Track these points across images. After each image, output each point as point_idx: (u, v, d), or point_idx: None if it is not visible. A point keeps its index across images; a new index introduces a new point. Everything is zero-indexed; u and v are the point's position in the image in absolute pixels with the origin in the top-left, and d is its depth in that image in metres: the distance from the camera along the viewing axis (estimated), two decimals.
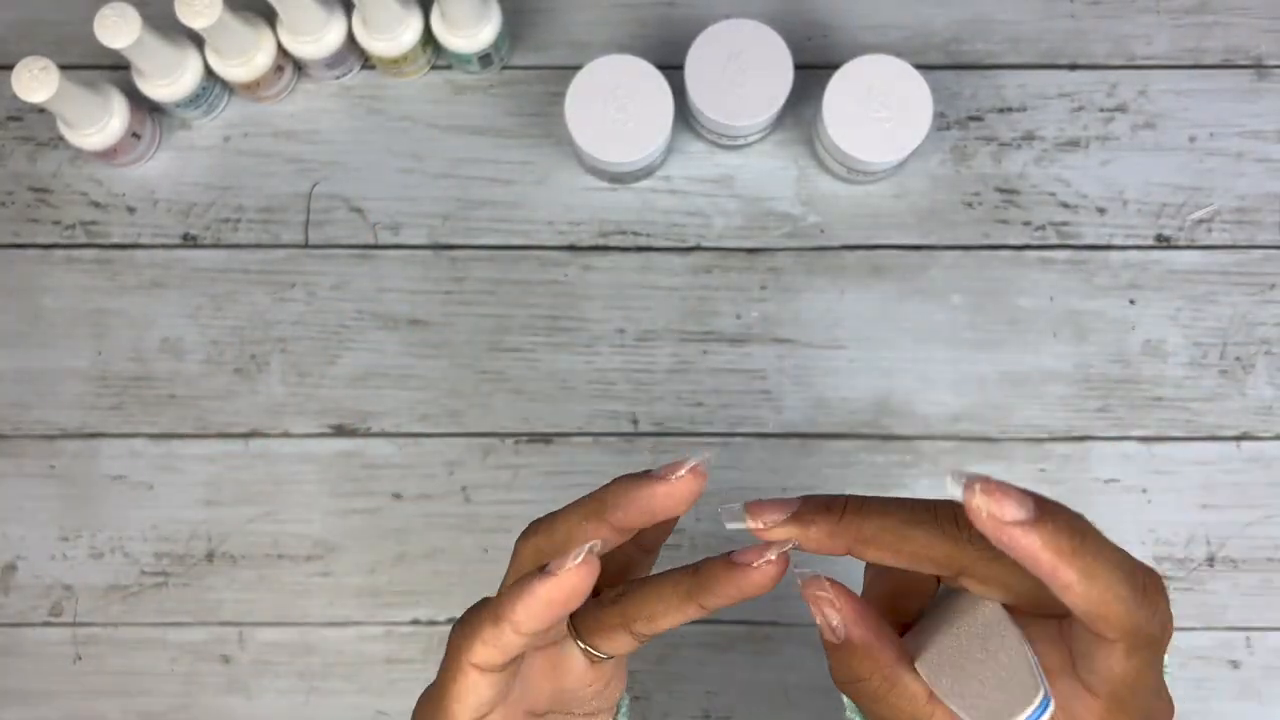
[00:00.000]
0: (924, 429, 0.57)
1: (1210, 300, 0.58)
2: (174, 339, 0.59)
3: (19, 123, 0.60)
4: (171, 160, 0.60)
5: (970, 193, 0.59)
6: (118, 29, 0.52)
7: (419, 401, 0.58)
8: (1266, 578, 0.57)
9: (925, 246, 0.58)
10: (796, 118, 0.59)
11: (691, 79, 0.55)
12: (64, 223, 0.59)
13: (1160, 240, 0.58)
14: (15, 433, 0.58)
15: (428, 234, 0.59)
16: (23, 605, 0.58)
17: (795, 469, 0.57)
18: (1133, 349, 0.58)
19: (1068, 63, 0.59)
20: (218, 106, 0.59)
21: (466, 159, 0.59)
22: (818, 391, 0.58)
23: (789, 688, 0.57)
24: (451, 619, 0.57)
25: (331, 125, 0.60)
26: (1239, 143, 0.59)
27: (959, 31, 0.60)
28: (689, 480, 0.29)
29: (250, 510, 0.58)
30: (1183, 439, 0.57)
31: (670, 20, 0.60)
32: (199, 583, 0.58)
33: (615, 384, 0.58)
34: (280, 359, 0.58)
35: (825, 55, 0.59)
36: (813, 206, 0.59)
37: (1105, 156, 0.59)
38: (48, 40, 0.61)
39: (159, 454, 0.58)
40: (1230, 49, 0.59)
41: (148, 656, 0.57)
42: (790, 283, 0.58)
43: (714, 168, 0.59)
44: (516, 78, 0.60)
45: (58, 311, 0.59)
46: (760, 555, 0.29)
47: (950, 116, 0.59)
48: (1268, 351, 0.58)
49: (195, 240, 0.59)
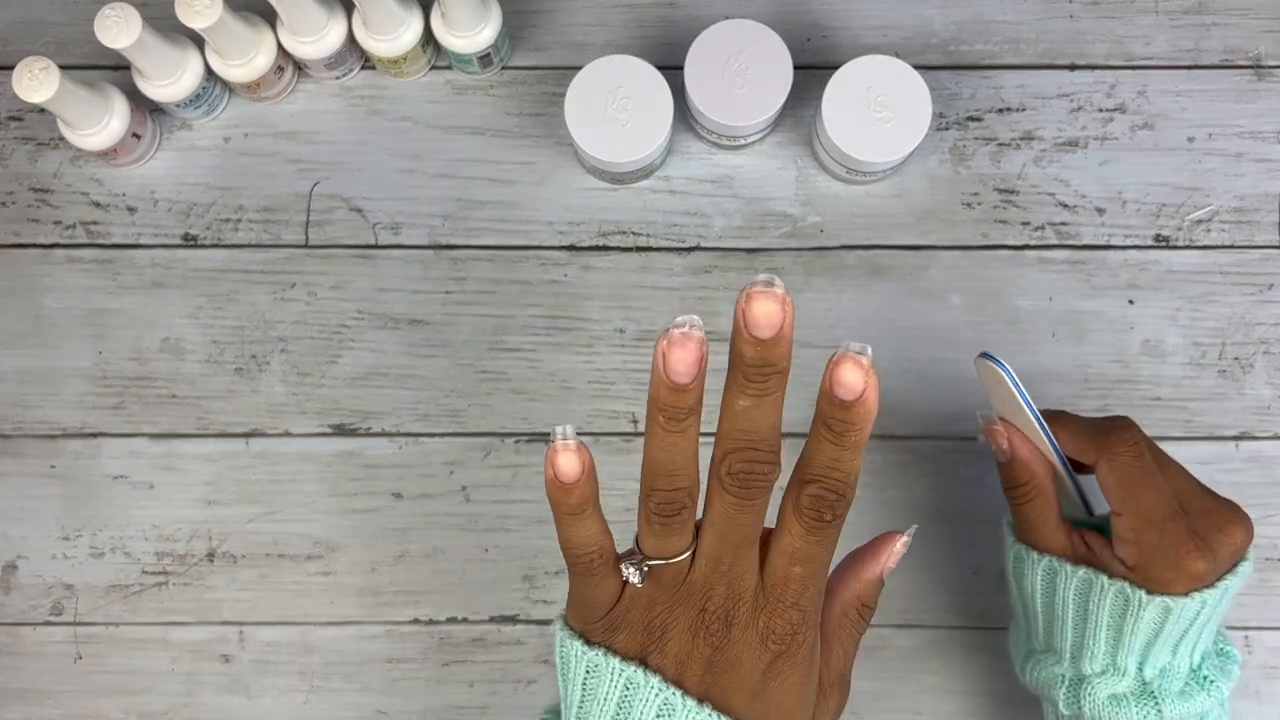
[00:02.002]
0: (924, 429, 0.57)
1: (1209, 300, 0.58)
2: (175, 339, 0.59)
3: (19, 123, 0.60)
4: (172, 160, 0.60)
5: (969, 193, 0.59)
6: (118, 29, 0.52)
7: (419, 401, 0.58)
8: (1265, 577, 0.57)
9: (924, 247, 0.59)
10: (796, 118, 0.59)
11: (691, 79, 0.55)
12: (64, 223, 0.59)
13: (1159, 240, 0.58)
14: (16, 432, 0.58)
15: (428, 234, 0.59)
16: (23, 604, 0.58)
17: None
18: (1131, 349, 0.58)
19: (1067, 63, 0.60)
20: (218, 107, 0.59)
21: (467, 159, 0.60)
22: (818, 391, 0.57)
23: None
24: (452, 619, 0.57)
25: (332, 125, 0.60)
26: (1237, 143, 0.59)
27: (958, 32, 0.60)
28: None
29: (251, 510, 0.58)
30: (1181, 439, 0.57)
31: (670, 21, 0.60)
32: (199, 582, 0.58)
33: (615, 384, 0.58)
34: (281, 359, 0.58)
35: (824, 56, 0.60)
36: (812, 207, 0.59)
37: (1104, 157, 0.59)
38: (48, 40, 0.61)
39: (160, 454, 0.58)
40: (1229, 49, 0.59)
41: (148, 656, 0.57)
42: (790, 283, 0.58)
43: (713, 168, 0.59)
44: (517, 78, 0.60)
45: (58, 311, 0.59)
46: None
47: (949, 117, 0.59)
48: (1266, 351, 0.58)
49: (196, 240, 0.59)
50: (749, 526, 0.33)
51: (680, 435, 0.32)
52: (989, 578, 0.57)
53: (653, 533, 0.33)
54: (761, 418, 0.31)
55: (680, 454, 0.32)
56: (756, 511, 0.33)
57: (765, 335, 0.30)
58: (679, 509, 0.33)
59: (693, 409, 0.32)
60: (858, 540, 0.38)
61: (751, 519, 0.33)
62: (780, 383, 0.31)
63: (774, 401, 0.31)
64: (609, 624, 0.35)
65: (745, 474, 0.32)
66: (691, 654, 0.33)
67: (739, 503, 0.32)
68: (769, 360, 0.30)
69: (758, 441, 0.32)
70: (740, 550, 0.33)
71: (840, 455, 0.32)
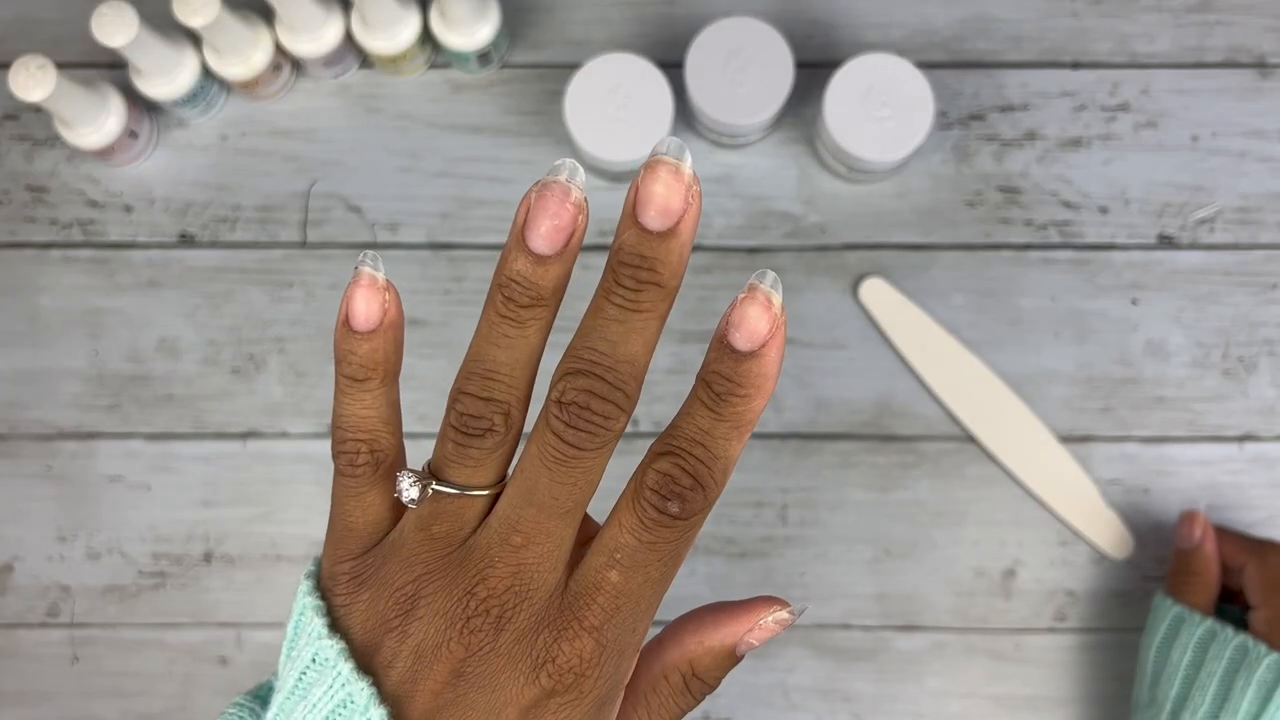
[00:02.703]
0: (924, 429, 0.57)
1: (1213, 300, 0.58)
2: (171, 339, 0.58)
3: (15, 121, 0.60)
4: (169, 159, 0.60)
5: (972, 192, 0.58)
6: (115, 27, 0.51)
7: (418, 401, 0.57)
8: None
9: (926, 246, 0.58)
10: (797, 116, 0.59)
11: (692, 77, 0.55)
12: (61, 222, 0.59)
13: (1163, 240, 0.58)
14: (12, 433, 0.58)
15: (426, 233, 0.59)
16: (20, 606, 0.57)
17: (795, 469, 0.57)
18: (1135, 349, 0.57)
19: (1070, 61, 0.59)
20: (215, 105, 0.59)
21: (465, 158, 0.59)
22: (818, 391, 0.57)
23: (789, 689, 0.56)
24: None
25: (329, 124, 0.60)
26: (1241, 142, 0.58)
27: (961, 30, 0.60)
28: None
29: (248, 511, 0.58)
30: (1185, 439, 0.57)
31: (670, 18, 0.60)
32: (196, 584, 0.57)
33: None
34: (278, 359, 0.58)
35: (826, 53, 0.59)
36: (814, 206, 0.59)
37: (1107, 155, 0.58)
38: (45, 38, 0.60)
39: (156, 454, 0.58)
40: (1233, 48, 0.59)
41: (145, 657, 0.57)
42: (791, 282, 0.58)
43: (714, 166, 0.59)
44: (515, 76, 0.60)
45: (54, 311, 0.59)
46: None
47: (952, 115, 0.59)
48: (1270, 352, 0.57)
49: (192, 239, 0.59)
50: (568, 489, 0.24)
51: (516, 327, 0.25)
52: (991, 580, 0.57)
53: (445, 451, 0.26)
54: (621, 338, 0.24)
55: (507, 353, 0.25)
56: (584, 469, 0.24)
57: (654, 225, 0.23)
58: (484, 429, 0.25)
59: (543, 298, 0.25)
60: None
61: (573, 478, 0.24)
62: (658, 300, 0.24)
63: (644, 323, 0.24)
64: (357, 575, 0.26)
65: (579, 407, 0.24)
66: (437, 652, 0.24)
67: (562, 447, 0.24)
68: (651, 260, 0.24)
69: (607, 369, 0.24)
70: (545, 522, 0.24)
71: (714, 428, 0.24)
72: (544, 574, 0.24)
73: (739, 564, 0.57)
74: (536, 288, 0.24)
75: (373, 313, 0.25)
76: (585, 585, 0.24)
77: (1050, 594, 0.56)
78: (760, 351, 0.24)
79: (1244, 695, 0.46)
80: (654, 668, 0.27)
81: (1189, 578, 0.52)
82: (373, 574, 0.26)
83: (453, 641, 0.24)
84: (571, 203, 0.24)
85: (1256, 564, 0.50)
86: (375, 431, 0.27)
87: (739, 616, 0.26)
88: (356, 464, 0.26)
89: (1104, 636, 0.56)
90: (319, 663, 0.25)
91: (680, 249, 0.24)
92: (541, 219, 0.24)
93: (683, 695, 0.27)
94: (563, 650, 0.24)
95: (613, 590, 0.24)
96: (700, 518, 0.24)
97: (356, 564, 0.26)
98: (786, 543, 0.57)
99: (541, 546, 0.24)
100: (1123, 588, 0.56)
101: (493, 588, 0.24)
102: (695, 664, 0.26)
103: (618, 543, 0.24)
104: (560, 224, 0.24)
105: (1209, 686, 0.47)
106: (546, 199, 0.24)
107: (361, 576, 0.26)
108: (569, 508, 0.25)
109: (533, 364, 0.26)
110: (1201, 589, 0.52)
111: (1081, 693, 0.56)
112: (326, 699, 0.25)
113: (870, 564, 0.56)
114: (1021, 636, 0.56)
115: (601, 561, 0.24)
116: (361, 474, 0.26)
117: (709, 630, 0.26)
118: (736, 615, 0.26)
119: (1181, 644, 0.50)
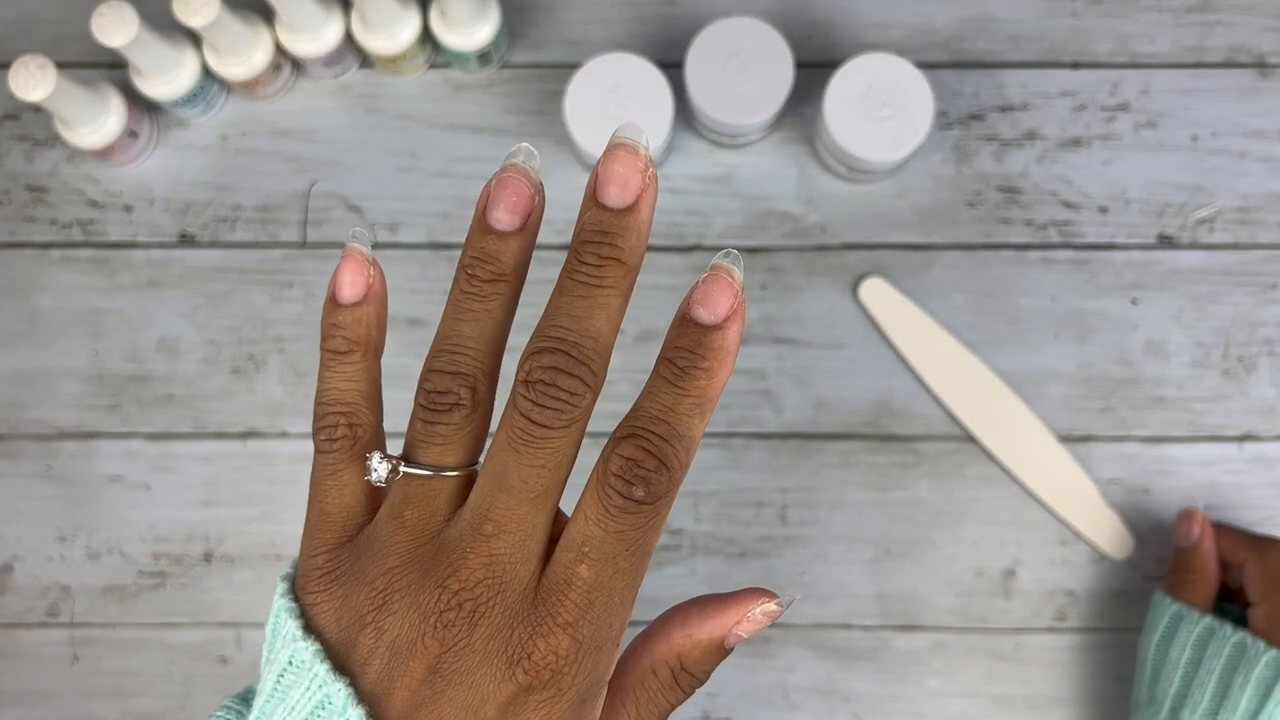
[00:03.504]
0: (924, 429, 0.57)
1: (1213, 300, 0.58)
2: (171, 339, 0.58)
3: (16, 121, 0.60)
4: (169, 159, 0.60)
5: (972, 192, 0.58)
6: (115, 27, 0.51)
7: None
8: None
9: (926, 246, 0.58)
10: (797, 116, 0.59)
11: (691, 77, 0.55)
12: (61, 221, 0.59)
13: (1162, 240, 0.58)
14: (12, 433, 0.58)
15: (426, 233, 0.59)
16: (20, 606, 0.57)
17: (795, 469, 0.57)
18: (1135, 349, 0.57)
19: (1070, 61, 0.59)
20: (215, 105, 0.59)
21: (465, 157, 0.59)
22: (818, 391, 0.57)
23: (789, 689, 0.56)
24: None
25: (329, 124, 0.60)
26: (1241, 142, 0.58)
27: (960, 30, 0.60)
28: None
29: (248, 511, 0.58)
30: (1185, 439, 0.57)
31: (670, 18, 0.60)
32: (196, 583, 0.57)
33: (615, 384, 0.58)
34: (278, 359, 0.58)
35: (826, 53, 0.59)
36: (813, 206, 0.59)
37: (1107, 155, 0.58)
38: (45, 38, 0.60)
39: (156, 454, 0.58)
40: (1233, 48, 0.59)
41: (145, 657, 0.57)
42: (791, 282, 0.58)
43: (714, 166, 0.59)
44: (515, 76, 0.60)
45: (54, 311, 0.59)
46: None
47: (952, 115, 0.59)
48: (1270, 352, 0.57)
49: (192, 239, 0.59)
50: (538, 471, 0.24)
51: (480, 301, 0.25)
52: (991, 579, 0.57)
53: (415, 432, 0.26)
54: (585, 313, 0.24)
55: (471, 326, 0.25)
56: (553, 449, 0.24)
57: (613, 202, 0.24)
58: (451, 404, 0.25)
59: (504, 274, 0.25)
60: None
61: (542, 460, 0.24)
62: (620, 277, 0.25)
63: (607, 299, 0.24)
64: (330, 570, 0.26)
65: (546, 385, 0.24)
66: (413, 648, 0.24)
67: (529, 427, 0.24)
68: (611, 235, 0.24)
69: (572, 344, 0.24)
70: (516, 509, 0.24)
71: (676, 404, 0.24)
72: (516, 565, 0.24)
73: (739, 564, 0.57)
74: (498, 262, 0.25)
75: (358, 284, 0.26)
76: (557, 581, 0.24)
77: (1050, 594, 0.56)
78: (723, 325, 0.24)
79: (1243, 692, 0.46)
80: (642, 662, 0.27)
81: (1188, 576, 0.52)
82: (346, 569, 0.25)
83: (428, 637, 0.24)
84: (529, 182, 0.25)
85: (1256, 560, 0.51)
86: (354, 405, 0.27)
87: (727, 609, 0.27)
88: (335, 438, 0.26)
89: (1104, 636, 0.56)
90: (296, 665, 0.25)
91: (639, 225, 0.25)
92: (500, 197, 0.25)
93: (671, 689, 0.27)
94: (538, 647, 0.24)
95: (584, 585, 0.24)
96: (665, 503, 0.24)
97: (331, 558, 0.26)
98: (786, 542, 0.57)
99: (513, 535, 0.24)
100: (1123, 587, 0.56)
101: (465, 580, 0.24)
102: (683, 658, 0.26)
103: (585, 535, 0.24)
104: (519, 200, 0.25)
105: (1208, 684, 0.47)
106: (504, 181, 0.25)
107: (335, 572, 0.26)
108: (539, 492, 0.24)
109: (498, 339, 0.26)
110: (1200, 587, 0.52)
111: (1081, 692, 0.56)
112: (304, 701, 0.24)
113: (870, 564, 0.56)
114: (1021, 636, 0.56)
115: (571, 557, 0.24)
116: (339, 448, 0.26)
117: (697, 623, 0.27)
118: (724, 608, 0.27)
119: (1180, 641, 0.50)
